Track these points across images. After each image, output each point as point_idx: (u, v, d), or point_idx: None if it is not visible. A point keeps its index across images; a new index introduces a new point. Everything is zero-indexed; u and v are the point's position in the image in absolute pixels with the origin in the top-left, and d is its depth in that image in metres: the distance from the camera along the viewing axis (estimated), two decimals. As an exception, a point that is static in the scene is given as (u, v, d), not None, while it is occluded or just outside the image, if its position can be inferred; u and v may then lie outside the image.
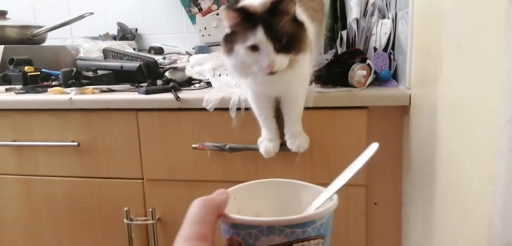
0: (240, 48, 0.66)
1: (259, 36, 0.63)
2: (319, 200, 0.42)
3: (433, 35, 0.66)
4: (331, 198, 0.41)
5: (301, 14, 0.74)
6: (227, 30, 0.69)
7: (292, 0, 0.66)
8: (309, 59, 0.79)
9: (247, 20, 0.65)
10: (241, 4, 0.68)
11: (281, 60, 0.66)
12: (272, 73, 0.67)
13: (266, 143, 0.85)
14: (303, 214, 0.39)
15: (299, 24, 0.69)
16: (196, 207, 0.37)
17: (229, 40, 0.68)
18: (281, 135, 0.87)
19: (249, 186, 0.47)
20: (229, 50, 0.68)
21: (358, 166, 0.43)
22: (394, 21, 1.01)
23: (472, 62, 0.46)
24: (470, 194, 0.46)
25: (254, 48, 0.65)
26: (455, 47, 0.52)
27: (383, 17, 1.06)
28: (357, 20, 1.05)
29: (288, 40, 0.66)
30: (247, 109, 0.89)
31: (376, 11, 1.06)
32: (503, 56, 0.33)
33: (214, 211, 0.37)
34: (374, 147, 0.43)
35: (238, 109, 0.91)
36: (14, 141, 1.09)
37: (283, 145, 0.87)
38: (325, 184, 0.44)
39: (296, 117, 0.84)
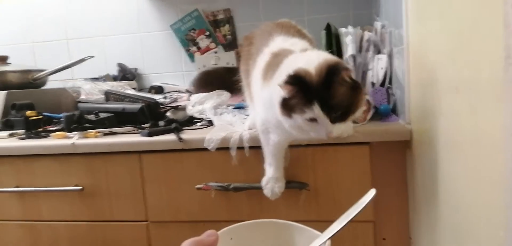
0: (298, 118, 0.67)
1: (316, 111, 0.65)
2: (314, 245, 0.42)
3: (430, 74, 0.68)
4: (325, 243, 0.41)
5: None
6: (284, 96, 0.69)
7: (346, 70, 0.66)
8: None
9: (304, 91, 0.65)
10: (297, 70, 0.67)
11: (338, 128, 0.67)
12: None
13: (272, 185, 0.85)
14: None
15: (355, 88, 0.68)
16: None
17: (287, 106, 0.68)
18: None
19: (247, 225, 0.48)
20: (287, 115, 0.69)
21: (355, 211, 0.43)
22: (390, 56, 1.04)
23: (471, 105, 0.48)
24: (479, 237, 0.47)
25: (312, 119, 0.66)
26: (453, 90, 0.54)
27: (379, 52, 1.10)
28: (354, 56, 1.08)
29: (344, 110, 0.67)
30: (252, 148, 0.90)
31: (372, 47, 1.09)
32: (503, 112, 0.35)
33: None
34: (371, 192, 0.44)
35: (240, 148, 0.92)
36: (17, 186, 1.08)
37: (288, 182, 0.88)
38: (330, 222, 0.44)
39: None
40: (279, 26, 0.90)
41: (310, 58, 0.68)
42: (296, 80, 0.65)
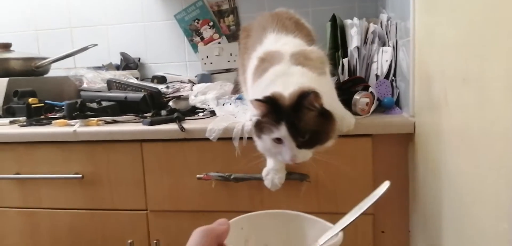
0: (266, 138, 0.68)
1: (282, 132, 0.65)
2: (325, 237, 0.41)
3: (436, 66, 0.67)
4: (337, 235, 0.41)
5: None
6: (258, 117, 0.70)
7: (316, 96, 0.66)
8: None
9: (274, 112, 0.67)
10: (272, 93, 0.68)
11: (304, 154, 0.68)
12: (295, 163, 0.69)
13: (272, 176, 0.84)
14: None
15: (326, 116, 0.69)
16: (197, 237, 0.37)
17: (259, 127, 0.70)
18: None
19: (258, 216, 0.47)
20: (258, 136, 0.71)
21: (369, 203, 0.42)
22: (395, 48, 1.02)
23: (479, 98, 0.47)
24: (481, 229, 0.46)
25: (279, 140, 0.67)
26: (460, 82, 0.53)
27: (384, 44, 1.08)
28: (358, 48, 1.07)
29: (311, 135, 0.67)
30: (250, 138, 0.90)
31: (377, 39, 1.08)
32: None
33: (215, 241, 0.38)
34: (385, 185, 0.43)
35: (242, 138, 0.91)
36: (17, 173, 1.08)
37: (289, 174, 0.87)
38: (331, 214, 0.44)
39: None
40: (274, 18, 0.89)
41: (288, 82, 0.69)
42: (268, 100, 0.66)
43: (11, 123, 1.16)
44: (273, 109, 0.66)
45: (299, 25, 0.92)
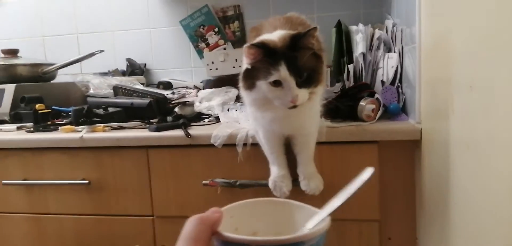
0: (262, 84, 0.67)
1: (282, 72, 0.64)
2: (313, 221, 0.42)
3: (442, 73, 0.67)
4: (324, 220, 0.41)
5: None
6: (247, 66, 0.69)
7: (312, 35, 0.67)
8: (321, 94, 0.80)
9: (269, 56, 0.65)
10: (260, 39, 0.69)
11: (303, 94, 0.67)
12: (294, 107, 0.67)
13: (279, 184, 0.84)
14: (295, 234, 0.39)
15: (318, 57, 0.70)
16: (191, 225, 0.38)
17: (250, 76, 0.68)
18: (291, 172, 0.87)
19: (247, 204, 0.48)
20: (250, 85, 0.69)
21: (353, 189, 0.43)
22: (401, 54, 1.02)
23: (485, 105, 0.46)
24: (488, 236, 0.46)
25: (277, 83, 0.66)
26: (467, 89, 0.52)
27: (389, 50, 1.08)
28: (364, 54, 1.07)
29: (308, 74, 0.67)
30: (254, 144, 0.90)
31: (382, 45, 1.08)
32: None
33: (209, 228, 0.39)
34: (369, 171, 0.44)
35: (246, 144, 0.91)
36: (24, 179, 1.09)
37: (295, 180, 0.87)
38: (338, 220, 0.44)
39: (309, 157, 0.84)
40: (286, 22, 0.89)
41: (274, 33, 0.70)
42: (261, 44, 0.65)
43: (18, 128, 1.17)
44: (268, 53, 0.66)
45: None
